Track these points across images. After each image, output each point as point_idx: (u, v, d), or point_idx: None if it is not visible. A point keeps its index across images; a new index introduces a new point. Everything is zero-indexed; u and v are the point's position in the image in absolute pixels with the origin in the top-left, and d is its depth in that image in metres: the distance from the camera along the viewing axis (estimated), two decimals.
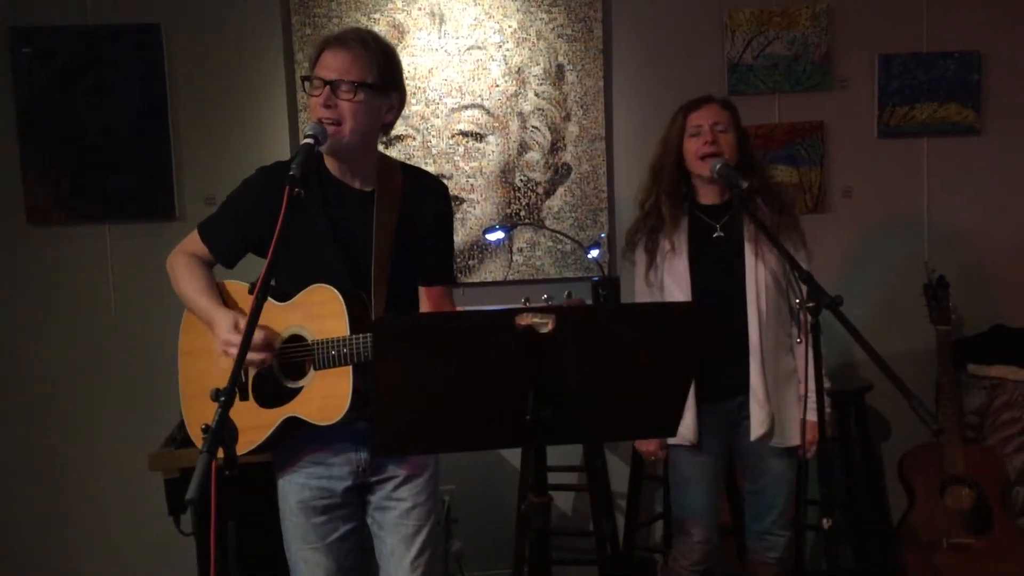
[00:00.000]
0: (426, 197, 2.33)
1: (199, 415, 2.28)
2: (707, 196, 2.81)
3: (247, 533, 1.85)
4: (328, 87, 2.16)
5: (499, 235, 3.72)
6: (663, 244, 2.79)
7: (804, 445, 2.73)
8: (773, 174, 3.80)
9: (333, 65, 2.17)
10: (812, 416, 2.73)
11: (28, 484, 3.79)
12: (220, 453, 1.70)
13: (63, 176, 3.70)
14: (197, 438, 2.30)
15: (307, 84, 2.21)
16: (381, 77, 2.20)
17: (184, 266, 2.32)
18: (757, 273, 2.73)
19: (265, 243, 2.18)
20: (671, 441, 2.79)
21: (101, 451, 3.77)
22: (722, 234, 2.78)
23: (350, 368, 2.12)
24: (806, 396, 2.50)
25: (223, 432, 1.71)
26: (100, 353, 3.76)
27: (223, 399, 1.74)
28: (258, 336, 2.14)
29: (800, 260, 2.74)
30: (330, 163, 2.27)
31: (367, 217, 2.23)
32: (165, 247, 2.39)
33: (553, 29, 3.80)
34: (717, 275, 2.76)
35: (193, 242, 2.35)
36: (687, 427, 2.73)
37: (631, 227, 2.92)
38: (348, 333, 2.12)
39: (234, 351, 2.06)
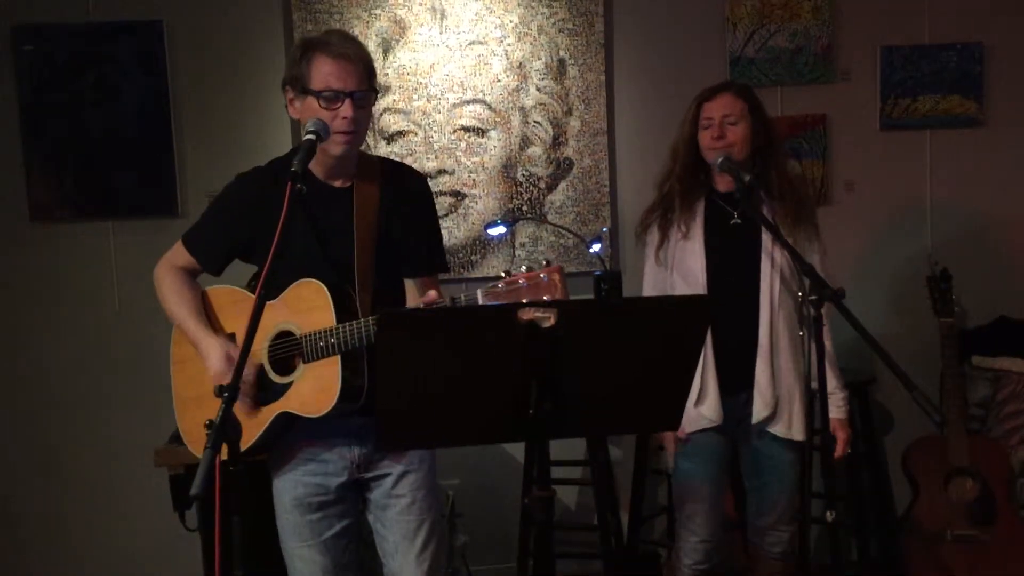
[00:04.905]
0: (405, 189, 2.34)
1: (193, 420, 2.29)
2: (724, 183, 2.80)
3: (253, 528, 1.85)
4: (350, 99, 2.14)
5: (501, 230, 3.71)
6: (677, 226, 2.80)
7: (828, 441, 2.72)
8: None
9: (347, 76, 2.15)
10: (836, 413, 2.74)
11: (32, 481, 3.80)
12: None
13: (66, 173, 3.70)
14: (192, 443, 2.34)
15: (319, 99, 2.14)
16: (374, 76, 2.23)
17: (170, 285, 2.33)
18: (772, 261, 2.72)
19: (254, 247, 2.23)
20: (691, 429, 2.76)
21: (105, 447, 3.78)
22: (739, 221, 2.77)
23: (338, 357, 2.12)
24: (822, 388, 2.48)
25: (227, 428, 1.72)
26: (104, 350, 3.77)
27: (227, 395, 1.75)
28: (246, 373, 2.14)
29: (813, 253, 2.75)
30: (314, 164, 2.23)
31: (347, 214, 2.24)
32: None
33: (554, 24, 3.80)
34: (732, 261, 2.75)
35: (179, 254, 2.35)
36: (710, 408, 2.72)
37: (647, 208, 2.91)
38: (334, 323, 2.13)
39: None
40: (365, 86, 2.18)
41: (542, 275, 1.92)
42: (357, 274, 2.21)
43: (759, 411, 2.72)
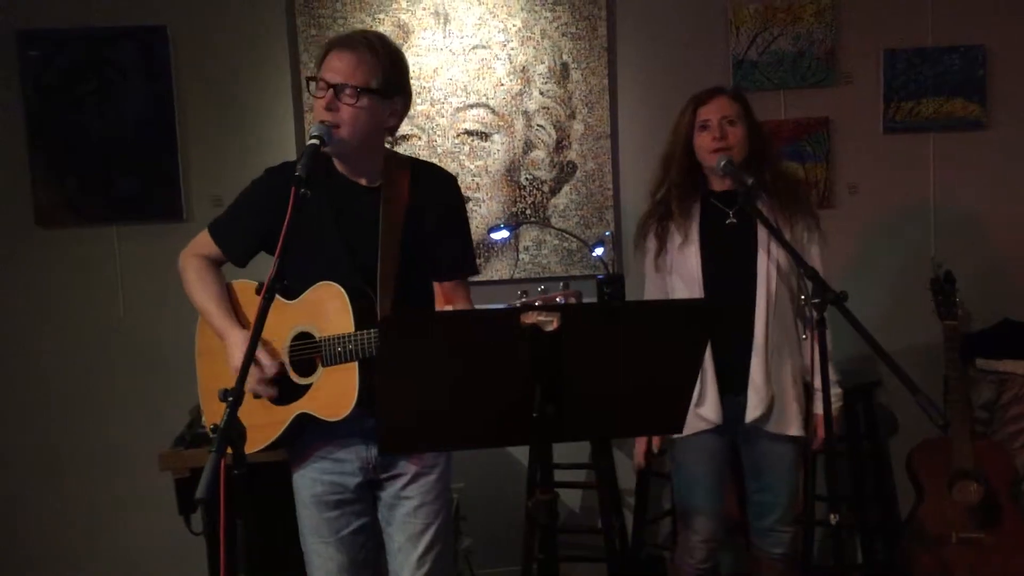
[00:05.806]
0: (434, 190, 2.33)
1: (218, 414, 2.30)
2: (719, 184, 2.81)
3: (259, 531, 1.86)
4: (332, 90, 2.16)
5: (504, 234, 3.72)
6: (674, 232, 2.80)
7: (810, 436, 2.74)
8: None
9: (339, 68, 2.17)
10: (820, 410, 2.74)
11: (37, 485, 3.80)
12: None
13: (71, 178, 3.71)
14: None
15: (312, 84, 2.21)
16: (385, 82, 2.20)
17: (195, 272, 2.34)
18: (769, 259, 2.73)
19: (275, 242, 2.22)
20: (692, 430, 2.76)
21: (111, 452, 3.78)
22: (735, 220, 2.78)
23: (356, 364, 2.13)
24: (825, 391, 2.50)
25: (232, 432, 1.72)
26: (109, 354, 3.78)
27: (231, 399, 1.76)
28: (270, 367, 2.18)
29: (813, 255, 2.76)
30: (337, 161, 2.28)
31: (373, 214, 2.24)
32: (172, 248, 2.41)
33: (557, 28, 3.80)
34: (729, 261, 2.76)
35: (204, 243, 2.36)
36: (710, 409, 2.72)
37: (643, 216, 2.92)
38: (353, 329, 2.14)
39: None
40: (357, 81, 2.16)
41: (559, 299, 1.92)
42: (380, 277, 2.20)
43: (752, 409, 2.72)
